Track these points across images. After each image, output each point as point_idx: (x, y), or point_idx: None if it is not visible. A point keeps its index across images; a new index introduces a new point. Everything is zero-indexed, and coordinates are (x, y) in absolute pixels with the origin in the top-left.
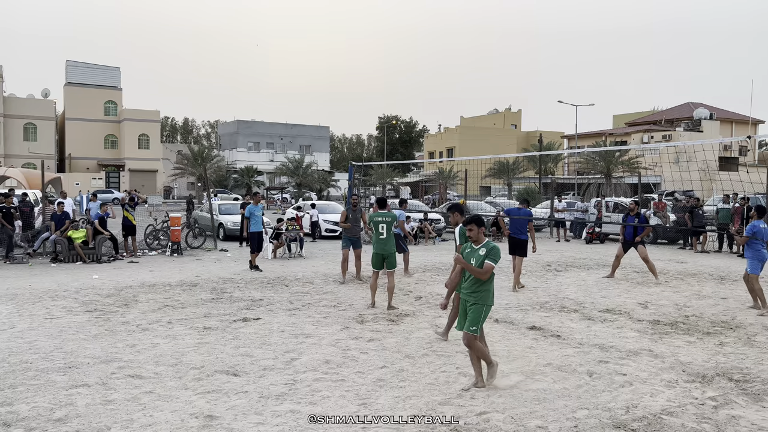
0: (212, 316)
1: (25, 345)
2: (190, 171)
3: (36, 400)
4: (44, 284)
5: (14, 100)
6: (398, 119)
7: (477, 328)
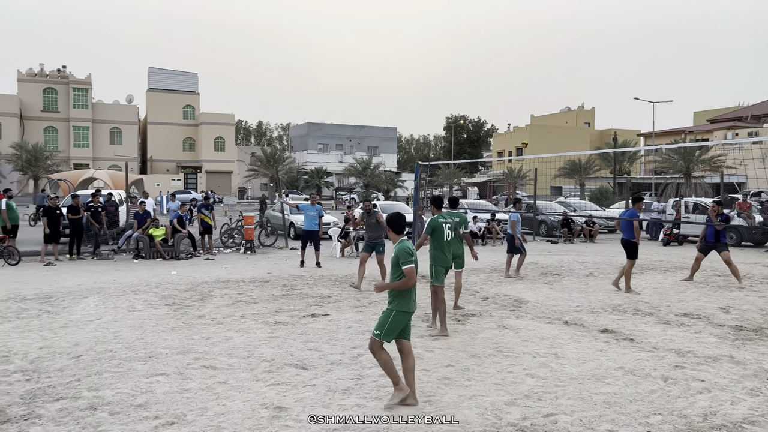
0: (283, 312)
1: (110, 335)
2: (263, 172)
3: (119, 387)
4: (127, 279)
5: (101, 106)
6: (466, 119)
7: (381, 333)
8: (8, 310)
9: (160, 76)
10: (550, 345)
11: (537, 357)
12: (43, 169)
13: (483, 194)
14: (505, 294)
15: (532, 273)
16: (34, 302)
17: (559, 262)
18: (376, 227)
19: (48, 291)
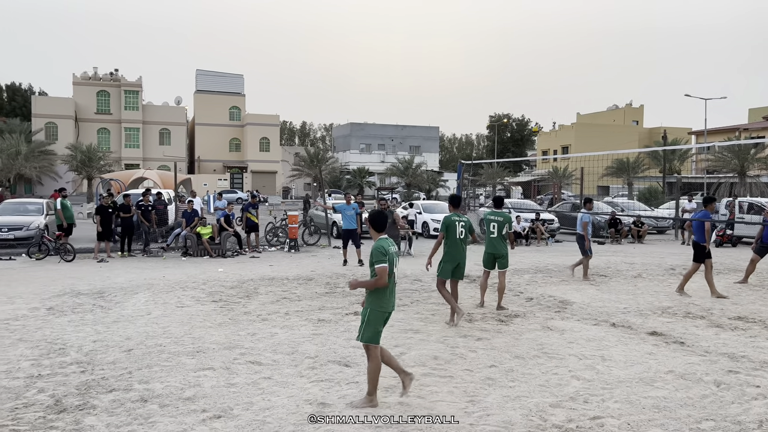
0: (326, 309)
1: (160, 330)
2: (307, 172)
3: (168, 380)
4: (176, 276)
5: (151, 108)
6: (510, 117)
7: (360, 336)
8: (64, 304)
9: (208, 78)
10: (597, 347)
11: (583, 359)
12: (96, 170)
13: (527, 194)
14: (549, 295)
15: (577, 274)
16: (88, 297)
17: (606, 263)
18: (391, 227)
19: (101, 287)
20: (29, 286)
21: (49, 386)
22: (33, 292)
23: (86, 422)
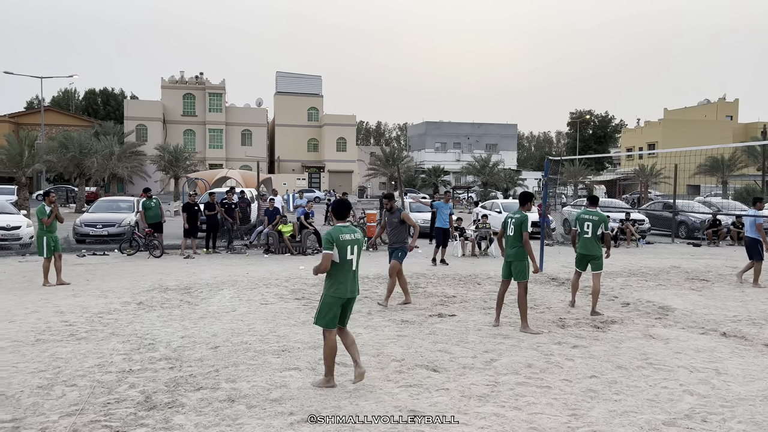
0: (408, 310)
1: (245, 327)
2: (382, 171)
3: (255, 380)
4: (259, 273)
5: (234, 110)
6: (592, 113)
7: (315, 318)
8: (153, 299)
9: (287, 79)
10: (709, 359)
11: (694, 372)
12: (182, 169)
13: (611, 193)
14: (647, 300)
15: (675, 278)
16: (175, 293)
17: (706, 266)
18: (399, 229)
19: (187, 282)
20: (121, 280)
21: (139, 382)
22: (124, 286)
23: (175, 421)
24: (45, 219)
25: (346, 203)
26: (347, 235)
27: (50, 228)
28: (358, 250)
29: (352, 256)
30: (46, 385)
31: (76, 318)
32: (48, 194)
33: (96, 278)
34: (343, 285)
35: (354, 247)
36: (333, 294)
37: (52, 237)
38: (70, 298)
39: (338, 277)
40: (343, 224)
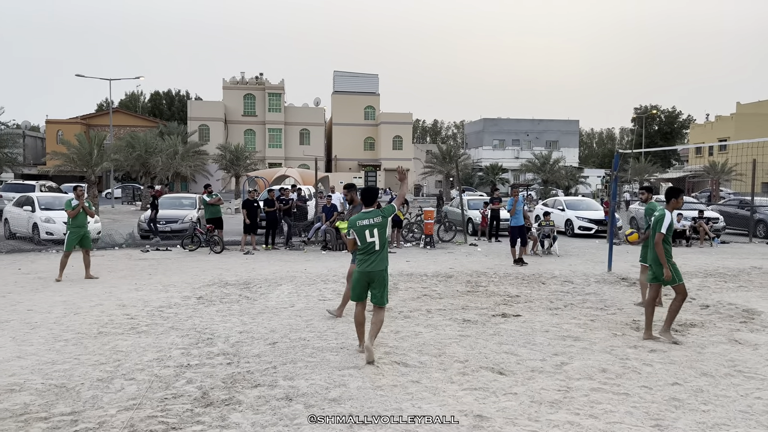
0: (470, 309)
1: (303, 323)
2: (439, 169)
3: (313, 378)
4: (316, 269)
5: (292, 109)
6: (658, 109)
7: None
8: (212, 294)
9: (345, 78)
10: None
11: None
12: (242, 168)
13: None
14: (729, 302)
15: (758, 279)
16: (234, 288)
17: None
18: None
19: (247, 278)
20: (182, 275)
21: (197, 377)
22: (185, 281)
23: (232, 419)
24: (69, 211)
25: (373, 190)
26: (365, 221)
27: (78, 222)
28: (379, 232)
29: (373, 238)
30: (105, 378)
31: (137, 311)
32: (76, 188)
33: (158, 273)
34: (364, 263)
35: (374, 230)
36: (357, 269)
37: (77, 232)
38: (132, 292)
39: (361, 257)
40: (366, 210)
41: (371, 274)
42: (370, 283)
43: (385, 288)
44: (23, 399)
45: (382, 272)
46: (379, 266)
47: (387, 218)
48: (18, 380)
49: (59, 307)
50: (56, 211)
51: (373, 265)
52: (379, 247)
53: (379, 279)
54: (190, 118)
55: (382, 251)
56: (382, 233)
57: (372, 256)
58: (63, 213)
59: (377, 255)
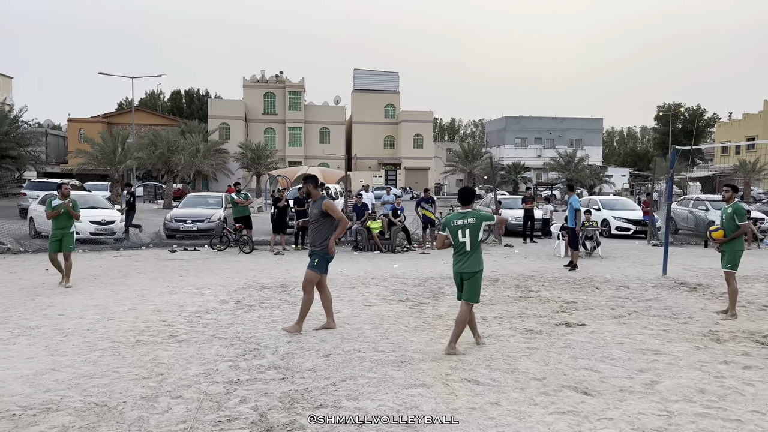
0: (528, 317)
1: (354, 332)
2: (461, 168)
3: (380, 398)
4: (352, 270)
5: (312, 108)
6: (682, 107)
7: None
8: (251, 297)
9: (365, 76)
10: None
11: None
12: (264, 167)
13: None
14: None
15: None
16: (272, 291)
17: None
18: (322, 224)
19: (282, 280)
20: (215, 277)
21: (250, 395)
22: (219, 283)
23: None
24: (49, 212)
25: (470, 190)
26: (459, 221)
27: (60, 224)
28: (471, 233)
29: (464, 238)
30: (150, 396)
31: (174, 317)
32: (60, 186)
33: (190, 274)
34: (457, 263)
35: (466, 231)
36: (453, 268)
37: (57, 235)
38: (166, 296)
39: (454, 256)
40: (462, 210)
41: (463, 275)
42: (463, 281)
43: (475, 288)
44: (61, 420)
45: (475, 274)
46: (472, 268)
47: (481, 222)
48: (54, 397)
49: (91, 311)
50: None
51: (465, 265)
52: (470, 247)
53: (471, 280)
54: (211, 116)
55: (473, 252)
56: (474, 235)
57: (463, 257)
58: (89, 212)
59: (468, 256)
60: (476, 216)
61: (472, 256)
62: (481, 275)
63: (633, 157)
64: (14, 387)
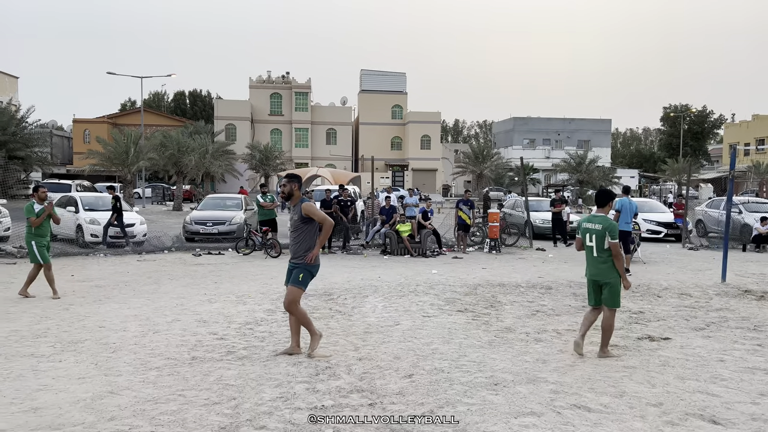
0: (595, 330)
1: (424, 347)
2: (471, 169)
3: (490, 429)
4: (390, 276)
5: (319, 109)
6: (688, 108)
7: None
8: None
9: (372, 77)
10: None
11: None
12: (272, 168)
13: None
14: None
15: None
16: (317, 299)
17: None
18: (304, 231)
19: (323, 287)
20: (251, 284)
21: (345, 428)
22: (259, 291)
23: None
24: (33, 219)
25: (607, 192)
26: (588, 224)
27: (42, 232)
28: (596, 239)
29: (591, 243)
30: (229, 426)
31: (223, 329)
32: (37, 189)
33: (223, 281)
34: (589, 269)
35: (592, 236)
36: (585, 274)
37: (41, 242)
38: (206, 304)
39: (586, 260)
40: (596, 213)
41: (597, 283)
42: (601, 288)
43: (615, 293)
44: None
45: (609, 283)
46: (605, 278)
47: (605, 232)
48: (121, 427)
49: (132, 323)
50: (100, 212)
51: (597, 273)
52: (596, 253)
53: (608, 286)
54: (217, 117)
55: (599, 259)
56: (599, 242)
57: (593, 262)
58: (108, 214)
59: (596, 262)
60: (603, 224)
61: (602, 263)
62: (617, 281)
63: (639, 158)
64: (74, 415)
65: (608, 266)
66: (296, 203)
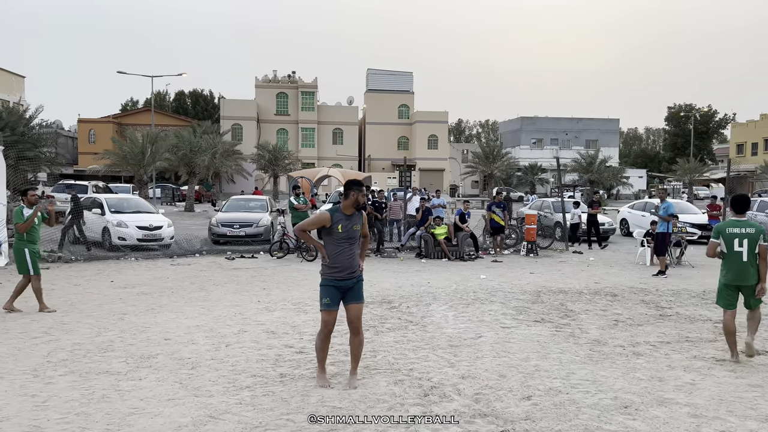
0: (695, 341)
1: (525, 364)
2: (481, 169)
3: None
4: (441, 282)
5: (325, 108)
6: (693, 108)
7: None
8: (364, 316)
9: (378, 77)
10: None
11: None
12: (280, 168)
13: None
14: None
15: None
16: (379, 308)
17: None
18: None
19: (375, 292)
20: (299, 290)
21: None
22: (312, 297)
23: None
24: (20, 225)
25: (745, 198)
26: (736, 229)
27: (33, 238)
28: (749, 242)
29: (741, 248)
30: None
31: (297, 341)
32: (26, 193)
33: (270, 286)
34: (731, 273)
35: (743, 240)
36: (722, 280)
37: (33, 249)
38: (265, 313)
39: (727, 265)
40: (737, 218)
41: (741, 287)
42: (741, 293)
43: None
44: None
45: (751, 287)
46: (750, 281)
47: (759, 234)
48: None
49: (198, 334)
50: (127, 215)
51: (744, 279)
52: (746, 257)
53: (747, 290)
54: (223, 117)
55: (748, 263)
56: (751, 246)
57: (741, 268)
58: (135, 216)
59: (745, 266)
60: (755, 227)
61: (751, 267)
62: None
63: (643, 158)
64: None
65: (755, 270)
66: (352, 213)
